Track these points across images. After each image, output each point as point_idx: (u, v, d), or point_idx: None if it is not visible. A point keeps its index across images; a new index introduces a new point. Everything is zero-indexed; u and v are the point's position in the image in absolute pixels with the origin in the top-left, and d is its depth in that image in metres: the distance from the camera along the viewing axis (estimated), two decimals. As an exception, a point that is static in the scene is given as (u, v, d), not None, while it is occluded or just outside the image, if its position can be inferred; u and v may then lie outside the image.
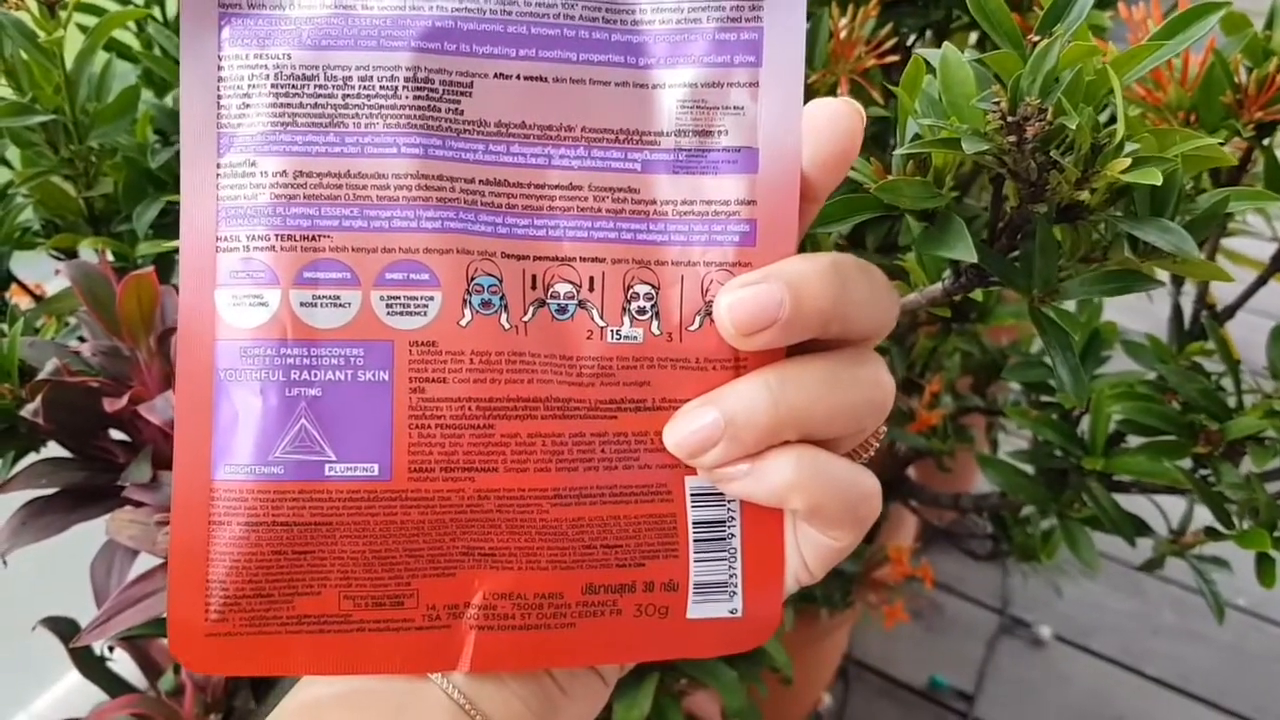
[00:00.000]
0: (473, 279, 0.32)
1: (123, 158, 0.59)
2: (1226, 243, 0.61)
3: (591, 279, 0.33)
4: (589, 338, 0.33)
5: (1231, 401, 0.54)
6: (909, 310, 0.46)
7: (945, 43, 0.37)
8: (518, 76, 0.32)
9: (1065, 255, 0.39)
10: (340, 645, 0.33)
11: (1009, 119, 0.33)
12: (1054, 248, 0.38)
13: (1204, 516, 0.58)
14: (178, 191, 0.58)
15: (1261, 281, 0.56)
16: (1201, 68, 0.48)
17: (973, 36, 0.70)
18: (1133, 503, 0.61)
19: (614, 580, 0.34)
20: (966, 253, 0.35)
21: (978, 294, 0.44)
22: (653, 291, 0.33)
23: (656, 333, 0.33)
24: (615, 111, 0.33)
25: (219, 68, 0.32)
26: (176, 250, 0.58)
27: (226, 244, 0.32)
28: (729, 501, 0.34)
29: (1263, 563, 0.53)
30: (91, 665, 0.55)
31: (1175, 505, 0.64)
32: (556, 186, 0.33)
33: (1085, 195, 0.36)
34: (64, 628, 0.53)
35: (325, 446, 0.32)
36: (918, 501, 0.84)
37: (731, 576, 0.35)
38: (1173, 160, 0.34)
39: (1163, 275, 0.40)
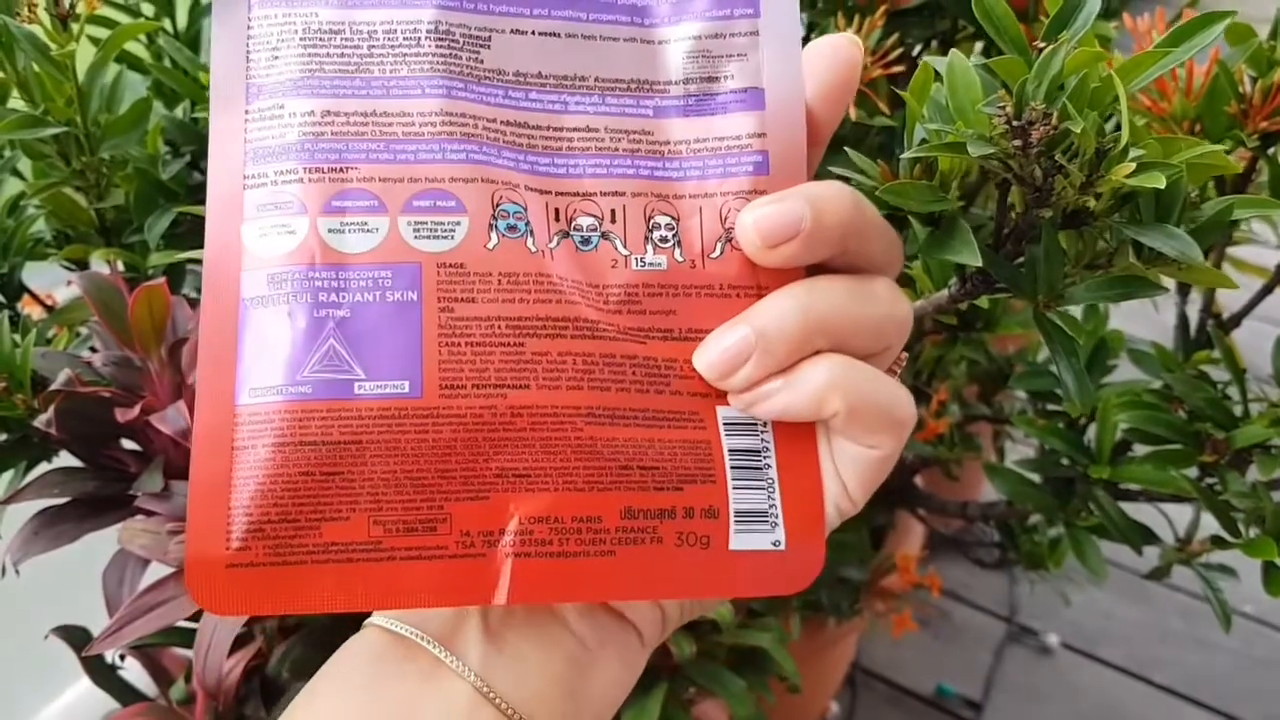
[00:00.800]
0: (498, 205, 0.33)
1: (134, 169, 0.59)
2: (1232, 251, 0.61)
3: (613, 211, 0.34)
4: (614, 266, 0.34)
5: (1238, 410, 0.54)
6: (916, 317, 0.46)
7: (952, 50, 0.38)
8: (532, 32, 0.34)
9: (1070, 261, 0.39)
10: (369, 576, 0.32)
11: (1014, 123, 0.34)
12: (1059, 253, 0.38)
13: (1210, 524, 0.58)
14: (189, 202, 0.59)
15: (1268, 290, 0.56)
16: (1206, 78, 0.48)
17: (978, 46, 0.70)
18: (1139, 511, 0.61)
19: (653, 504, 0.33)
20: (972, 256, 0.35)
21: (984, 302, 0.44)
22: (673, 222, 0.34)
23: (680, 259, 0.34)
24: (625, 64, 0.35)
25: (249, 26, 0.34)
26: (188, 261, 0.59)
27: (254, 181, 0.33)
28: (763, 431, 0.34)
29: (1270, 571, 0.53)
30: (102, 673, 0.55)
31: (1181, 513, 0.64)
32: (574, 129, 0.34)
33: (1090, 201, 0.36)
34: (76, 636, 0.53)
35: (354, 365, 0.32)
36: (925, 510, 0.84)
37: (771, 506, 0.34)
38: (1177, 166, 0.34)
39: (1168, 283, 0.40)
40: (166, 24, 0.68)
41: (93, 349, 0.55)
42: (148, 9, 0.69)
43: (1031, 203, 0.36)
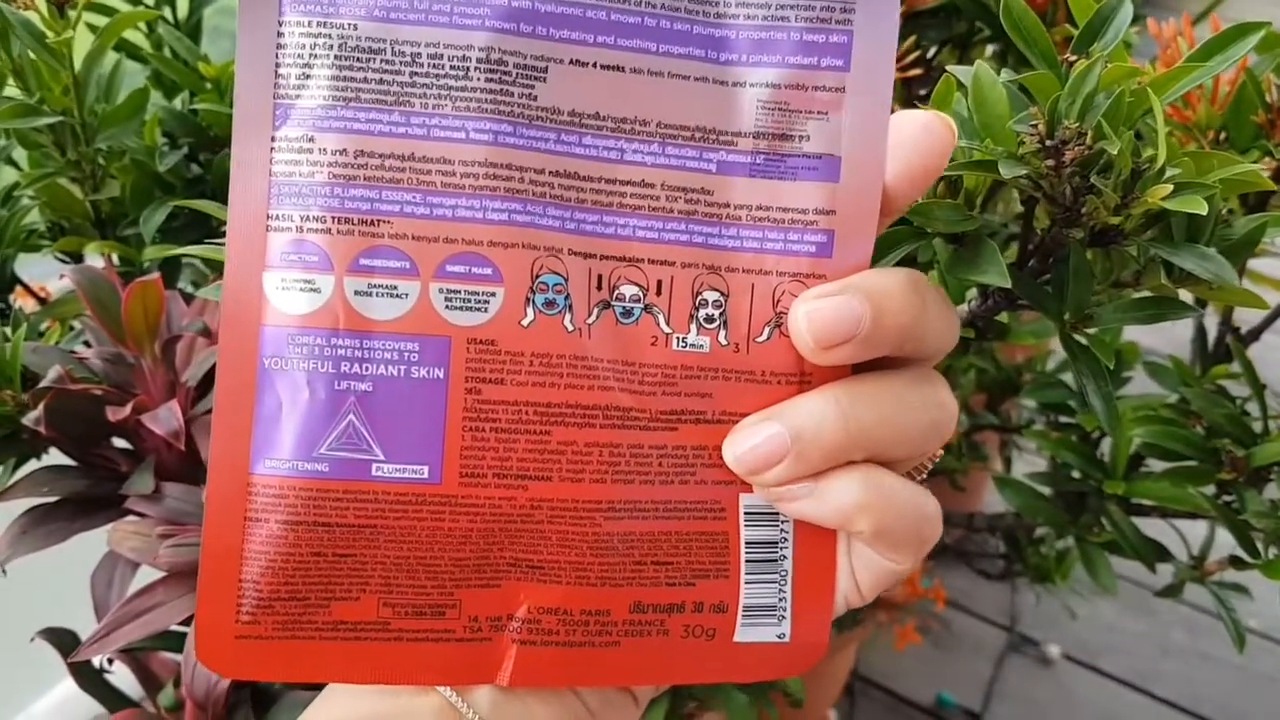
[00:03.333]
0: (537, 277, 0.31)
1: (130, 160, 0.58)
2: (1251, 264, 0.60)
3: (659, 282, 0.32)
4: (653, 344, 0.32)
5: (1257, 426, 0.52)
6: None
7: (978, 61, 0.36)
8: (594, 64, 0.31)
9: (1097, 280, 0.38)
10: (375, 654, 0.32)
11: (1047, 142, 0.32)
12: (1088, 273, 0.37)
13: (1224, 541, 0.57)
14: (185, 195, 0.58)
15: (1288, 304, 0.55)
16: (1233, 87, 0.47)
17: (989, 49, 0.69)
18: (1150, 525, 0.60)
19: (663, 600, 0.33)
20: (1000, 278, 0.34)
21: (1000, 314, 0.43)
22: (721, 299, 0.32)
23: (724, 343, 0.32)
24: (693, 107, 0.31)
25: (279, 34, 0.30)
26: (183, 256, 0.58)
27: (278, 223, 0.30)
28: (783, 521, 0.33)
29: (1289, 592, 0.52)
30: (89, 678, 0.54)
31: (1193, 528, 0.63)
32: (628, 183, 0.31)
33: (1120, 220, 0.35)
34: (64, 639, 0.52)
35: (373, 445, 0.30)
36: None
37: (781, 600, 0.34)
38: (1213, 186, 0.33)
39: (1186, 296, 0.39)
40: (166, 12, 0.67)
41: (86, 343, 0.54)
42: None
43: (1061, 221, 0.35)
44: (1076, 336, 0.38)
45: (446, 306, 0.31)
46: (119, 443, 0.51)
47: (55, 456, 0.50)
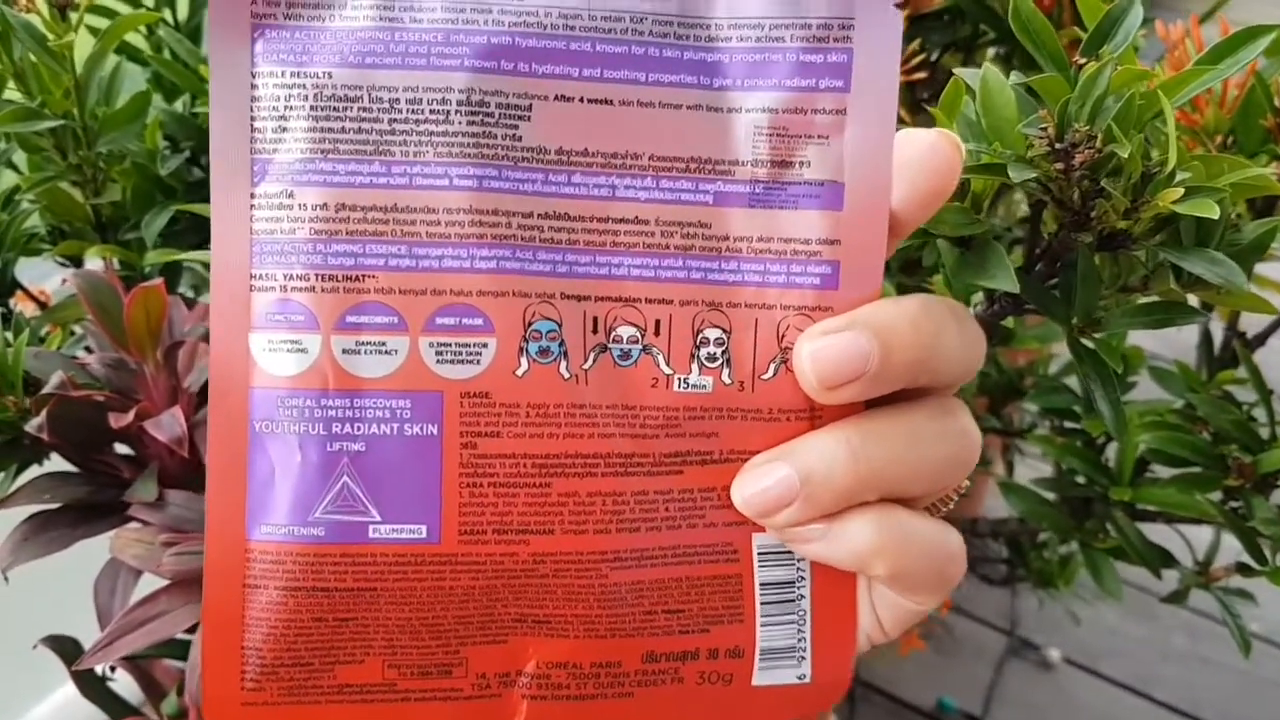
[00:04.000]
0: (530, 324, 0.30)
1: (132, 164, 0.57)
2: (1257, 268, 0.59)
3: (658, 322, 0.31)
4: (654, 386, 0.31)
5: (1264, 433, 0.52)
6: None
7: (986, 64, 0.36)
8: (581, 99, 0.30)
9: (1104, 284, 0.38)
10: (384, 715, 0.31)
11: (1056, 145, 0.32)
12: (1096, 278, 0.36)
13: (1230, 546, 0.57)
14: (187, 199, 0.58)
15: (1294, 309, 0.54)
16: (1241, 90, 0.47)
17: (991, 51, 0.69)
18: (1155, 530, 0.60)
19: (676, 648, 0.32)
20: (1009, 283, 0.34)
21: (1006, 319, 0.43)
22: (724, 336, 0.31)
23: (727, 381, 0.31)
24: (686, 138, 0.30)
25: (252, 86, 0.30)
26: (184, 261, 0.58)
27: (262, 283, 0.30)
28: (799, 560, 0.32)
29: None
30: (92, 685, 0.53)
31: (1198, 533, 0.63)
32: (621, 220, 0.30)
33: (1129, 224, 0.35)
34: (66, 647, 0.52)
35: (369, 506, 0.30)
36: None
37: (800, 641, 0.33)
38: (1224, 190, 0.33)
39: (1193, 300, 0.39)
40: (167, 14, 0.67)
41: (88, 349, 0.53)
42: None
43: (1069, 225, 0.35)
44: (1084, 341, 0.38)
45: (437, 360, 0.30)
46: (121, 449, 0.51)
47: (57, 462, 0.50)
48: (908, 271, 0.59)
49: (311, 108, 0.29)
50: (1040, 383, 0.78)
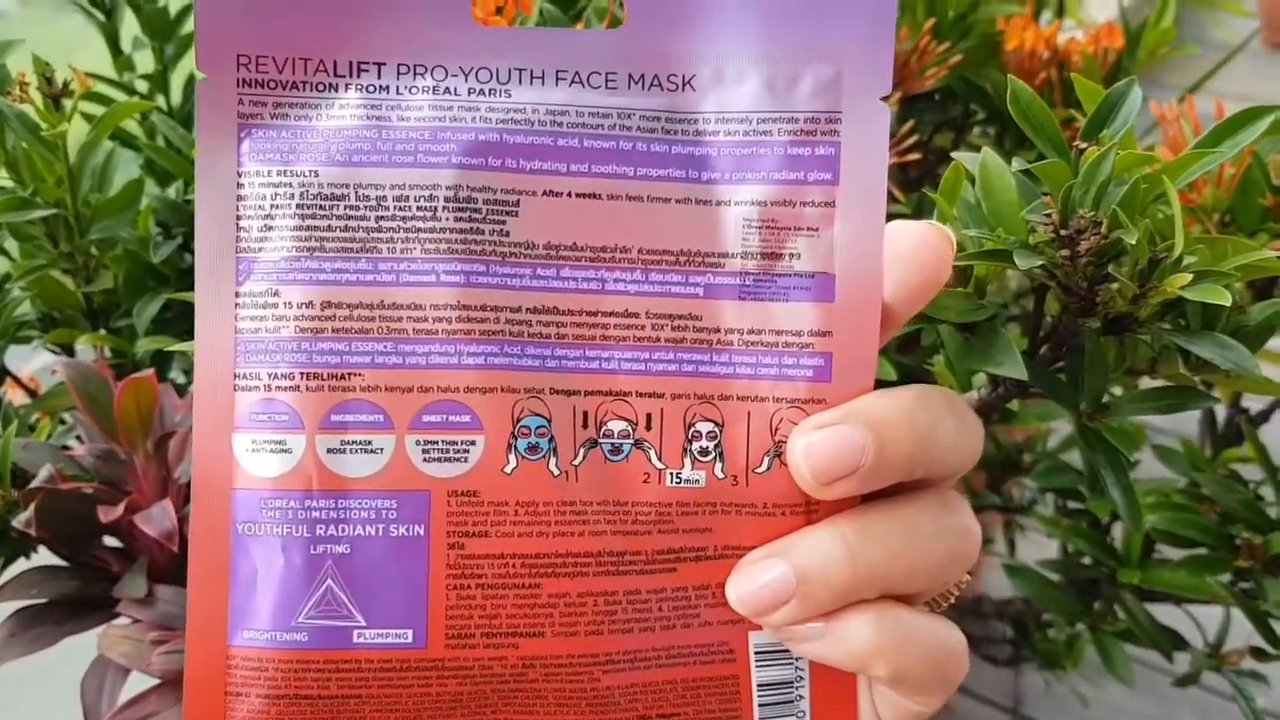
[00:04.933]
0: (519, 420, 0.29)
1: (124, 251, 0.57)
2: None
3: (649, 416, 0.30)
4: (645, 481, 0.30)
5: (1273, 512, 0.52)
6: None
7: (985, 149, 0.36)
8: (569, 194, 0.30)
9: (1110, 368, 0.37)
10: None
11: (1061, 232, 0.32)
12: (1104, 363, 0.36)
13: (1240, 623, 0.56)
14: (179, 287, 0.57)
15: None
16: (1239, 169, 0.47)
17: (978, 130, 0.69)
18: (1163, 611, 0.59)
19: None
20: (1017, 370, 0.33)
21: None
22: (716, 430, 0.30)
23: (720, 476, 0.30)
24: (675, 231, 0.30)
25: (238, 185, 0.29)
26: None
27: (245, 382, 0.29)
28: (797, 659, 0.32)
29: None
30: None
31: (1207, 611, 0.62)
32: (611, 314, 0.30)
33: (1136, 308, 0.34)
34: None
35: (354, 610, 0.29)
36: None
37: None
38: (1231, 275, 0.33)
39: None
40: (160, 100, 0.67)
41: (78, 438, 0.53)
42: (141, 85, 0.68)
43: (1076, 310, 0.34)
44: (1093, 426, 0.37)
45: (424, 459, 0.29)
46: (111, 540, 0.50)
47: (44, 555, 0.49)
48: (905, 350, 0.58)
49: (298, 206, 0.29)
50: (1039, 458, 0.77)
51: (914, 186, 0.61)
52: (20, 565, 0.49)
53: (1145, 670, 1.20)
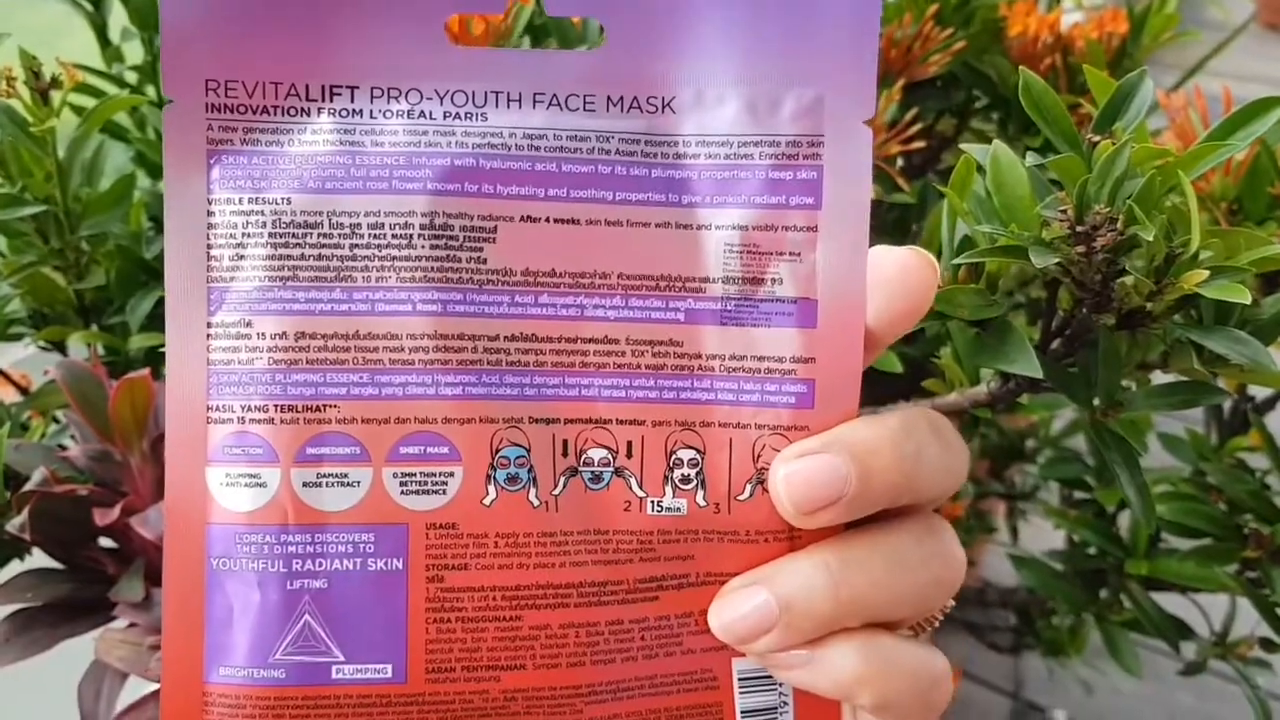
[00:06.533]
0: (497, 451, 0.29)
1: (115, 247, 0.56)
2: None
3: (629, 444, 0.30)
4: (626, 509, 0.30)
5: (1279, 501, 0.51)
6: (946, 410, 0.43)
7: (996, 141, 0.35)
8: (547, 219, 0.29)
9: (1123, 363, 0.37)
10: None
11: (1078, 229, 0.31)
12: (1118, 359, 0.35)
13: (1246, 611, 0.55)
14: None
15: (1304, 373, 0.53)
16: (1247, 158, 0.46)
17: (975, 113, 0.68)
18: (1169, 600, 0.58)
19: None
20: (1030, 368, 0.33)
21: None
22: (698, 457, 0.30)
23: (702, 504, 0.30)
24: (656, 256, 0.30)
25: (209, 213, 0.29)
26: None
27: (218, 414, 0.29)
28: (781, 685, 0.31)
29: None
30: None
31: (1214, 602, 0.61)
32: (590, 340, 0.30)
33: (1151, 304, 0.33)
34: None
35: (332, 645, 0.29)
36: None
37: None
38: (1247, 270, 0.32)
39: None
40: (150, 91, 0.66)
41: (73, 437, 0.52)
42: (130, 76, 0.67)
43: (1090, 306, 0.34)
44: (1107, 422, 0.36)
45: (402, 491, 0.29)
46: (106, 541, 0.49)
47: (39, 556, 0.48)
48: (909, 341, 0.58)
49: (270, 235, 0.29)
50: (1043, 444, 0.77)
51: (917, 174, 0.61)
52: (15, 567, 0.48)
53: (1146, 653, 1.20)
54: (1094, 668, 0.89)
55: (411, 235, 0.29)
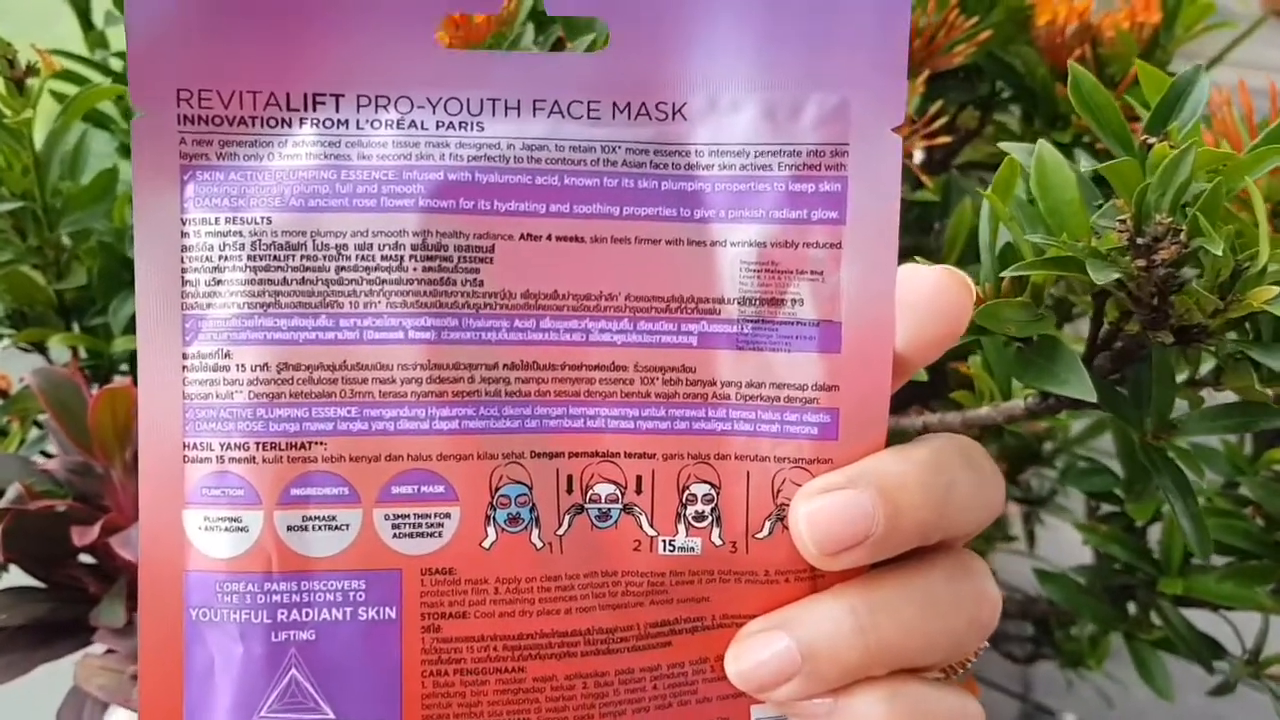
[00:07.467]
0: (497, 489, 0.27)
1: (98, 244, 0.54)
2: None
3: (639, 478, 0.28)
4: (636, 549, 0.28)
5: (1320, 517, 0.49)
6: (977, 424, 0.41)
7: (1041, 141, 0.33)
8: (549, 237, 0.27)
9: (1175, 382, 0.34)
10: None
11: (1138, 240, 0.29)
12: (1172, 378, 0.33)
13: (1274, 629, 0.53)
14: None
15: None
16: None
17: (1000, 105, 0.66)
18: (1199, 616, 0.56)
19: None
20: (1084, 391, 0.30)
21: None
22: (712, 492, 0.28)
23: (718, 543, 0.28)
24: (666, 275, 0.27)
25: (183, 234, 0.26)
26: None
27: (195, 453, 0.27)
28: None
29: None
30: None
31: (1246, 620, 0.59)
32: (596, 367, 0.28)
33: (1211, 320, 0.31)
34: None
35: (320, 702, 0.27)
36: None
37: None
38: (1317, 283, 0.29)
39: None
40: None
41: (53, 446, 0.49)
42: (115, 63, 0.64)
43: (1147, 323, 0.31)
44: (1158, 446, 0.34)
45: (394, 535, 0.27)
46: (86, 557, 0.47)
47: (17, 574, 0.46)
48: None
49: (249, 257, 0.27)
50: (1061, 446, 0.74)
51: (939, 168, 0.58)
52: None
53: (1157, 656, 1.18)
54: (1120, 683, 0.87)
55: (402, 256, 0.27)
